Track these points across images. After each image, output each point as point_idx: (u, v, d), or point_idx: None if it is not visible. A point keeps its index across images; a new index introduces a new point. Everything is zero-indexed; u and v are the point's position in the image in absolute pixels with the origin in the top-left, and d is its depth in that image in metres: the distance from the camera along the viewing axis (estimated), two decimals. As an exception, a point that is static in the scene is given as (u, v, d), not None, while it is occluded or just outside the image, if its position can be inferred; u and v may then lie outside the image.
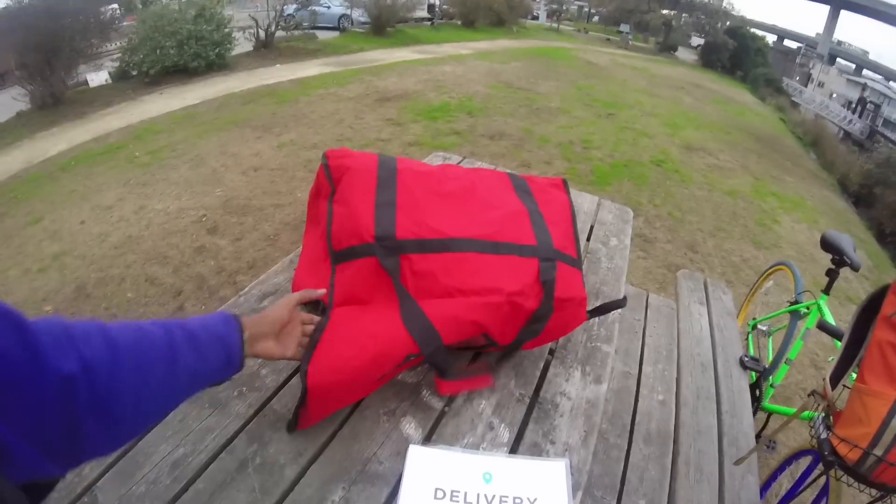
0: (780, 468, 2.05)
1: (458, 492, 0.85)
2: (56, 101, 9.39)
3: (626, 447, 1.68)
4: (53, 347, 0.46)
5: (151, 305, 3.29)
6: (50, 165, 6.65)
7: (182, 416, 0.94)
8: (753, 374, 2.45)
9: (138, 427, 0.59)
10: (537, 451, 0.95)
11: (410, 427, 0.96)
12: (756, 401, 2.43)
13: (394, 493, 0.84)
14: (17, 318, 0.44)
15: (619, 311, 1.39)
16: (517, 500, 0.85)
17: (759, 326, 2.95)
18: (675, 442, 1.77)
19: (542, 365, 1.14)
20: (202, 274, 3.64)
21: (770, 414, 2.50)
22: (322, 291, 0.98)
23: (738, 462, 1.77)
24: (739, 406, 2.01)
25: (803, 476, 1.87)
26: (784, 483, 2.07)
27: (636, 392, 1.88)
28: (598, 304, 1.37)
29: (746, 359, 2.22)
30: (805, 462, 1.89)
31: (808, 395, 1.55)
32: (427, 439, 0.94)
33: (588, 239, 1.68)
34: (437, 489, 0.85)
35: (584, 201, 1.92)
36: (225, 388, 0.99)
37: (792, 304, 2.64)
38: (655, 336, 2.15)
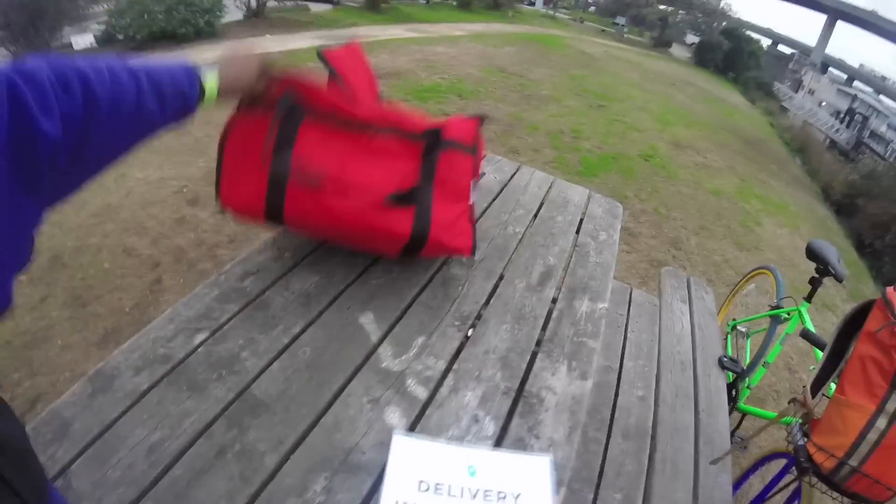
0: (752, 468, 2.09)
1: (443, 484, 0.84)
2: (38, 63, 9.17)
3: (604, 441, 1.69)
4: (40, 106, 0.50)
5: (128, 277, 3.21)
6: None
7: (159, 398, 0.91)
8: (731, 374, 2.48)
9: (100, 171, 0.65)
10: (522, 446, 0.94)
11: (395, 417, 0.94)
12: (732, 401, 2.47)
13: (377, 483, 0.83)
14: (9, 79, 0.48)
15: (606, 307, 1.39)
16: (501, 495, 0.84)
17: (738, 328, 2.99)
18: (653, 438, 1.79)
19: (528, 358, 1.12)
20: (181, 246, 3.55)
21: (744, 414, 2.53)
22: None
23: (714, 462, 1.79)
24: (716, 406, 2.04)
25: (775, 479, 1.91)
26: (755, 484, 2.12)
27: (616, 387, 1.89)
28: (585, 299, 1.37)
29: (725, 359, 2.25)
30: (778, 465, 1.93)
31: (789, 402, 1.58)
32: (411, 430, 0.93)
33: (577, 231, 1.66)
34: (420, 481, 0.84)
35: (574, 193, 1.90)
36: (203, 370, 0.98)
37: (773, 308, 2.67)
38: (637, 332, 2.16)
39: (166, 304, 2.98)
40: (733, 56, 26.27)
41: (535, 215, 1.69)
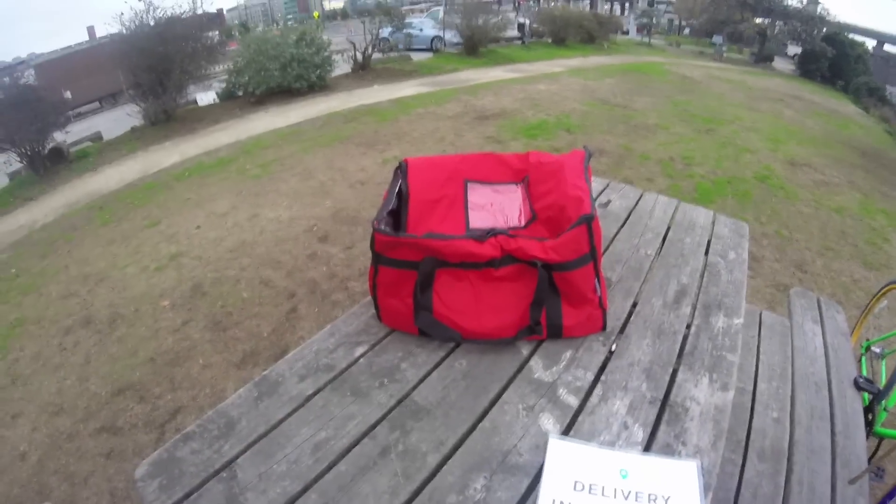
0: (889, 495, 1.97)
1: (597, 485, 0.88)
2: (168, 117, 10.12)
3: (740, 462, 1.66)
4: None
5: (266, 305, 3.49)
6: (164, 176, 7.14)
7: (324, 402, 1.01)
8: (866, 396, 2.36)
9: None
10: (670, 452, 0.97)
11: (549, 422, 1.00)
12: (868, 424, 2.34)
13: (533, 484, 0.88)
14: None
15: (742, 322, 1.39)
16: (652, 497, 0.87)
17: (872, 348, 2.83)
18: (789, 460, 1.73)
19: (670, 370, 1.16)
20: (315, 279, 3.81)
21: (882, 439, 2.38)
22: None
23: (852, 481, 1.71)
24: (853, 427, 1.95)
25: (913, 504, 1.79)
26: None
27: (751, 408, 1.86)
28: (721, 316, 1.38)
29: (861, 380, 2.15)
30: None
31: None
32: (564, 435, 0.98)
33: (706, 253, 1.68)
34: (576, 482, 0.88)
35: (699, 215, 1.91)
36: (366, 379, 1.07)
37: (908, 324, 2.52)
38: (769, 353, 2.11)
39: (303, 330, 3.20)
40: (839, 63, 24.48)
41: (665, 238, 1.72)
